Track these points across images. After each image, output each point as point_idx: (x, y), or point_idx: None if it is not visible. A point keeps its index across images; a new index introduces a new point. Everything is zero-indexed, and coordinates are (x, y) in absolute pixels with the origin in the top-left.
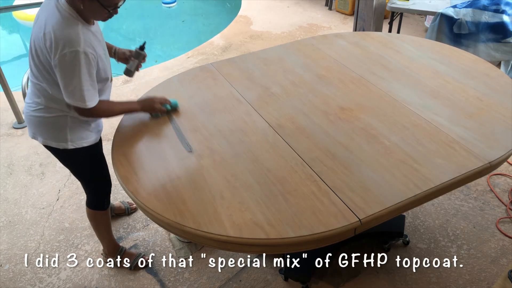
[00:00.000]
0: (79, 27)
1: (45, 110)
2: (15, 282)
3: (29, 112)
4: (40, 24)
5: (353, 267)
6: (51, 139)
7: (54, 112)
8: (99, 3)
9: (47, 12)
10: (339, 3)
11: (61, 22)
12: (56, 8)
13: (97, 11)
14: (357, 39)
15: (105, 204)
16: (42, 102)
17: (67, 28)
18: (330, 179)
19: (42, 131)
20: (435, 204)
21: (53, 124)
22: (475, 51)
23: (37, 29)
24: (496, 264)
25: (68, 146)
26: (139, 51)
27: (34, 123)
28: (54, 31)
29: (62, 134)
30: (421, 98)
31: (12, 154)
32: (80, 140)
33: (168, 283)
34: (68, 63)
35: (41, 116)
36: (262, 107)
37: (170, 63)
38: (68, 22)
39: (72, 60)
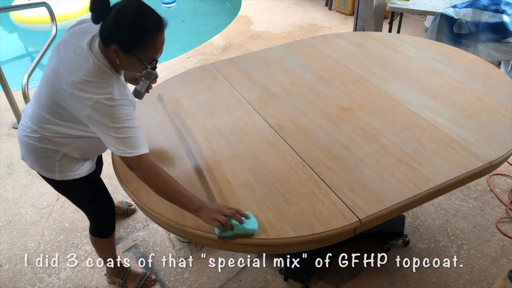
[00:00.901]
0: (113, 79)
1: (38, 139)
2: (15, 282)
3: (22, 134)
4: (66, 64)
5: (353, 267)
6: (39, 167)
7: (47, 144)
8: (136, 58)
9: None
10: (339, 3)
11: (95, 71)
12: (90, 55)
13: (133, 65)
14: (357, 39)
15: (108, 231)
16: (37, 130)
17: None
18: (330, 179)
19: (31, 158)
20: (435, 204)
21: (42, 154)
22: (475, 51)
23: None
24: (496, 264)
25: (55, 178)
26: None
27: (24, 147)
28: (86, 80)
29: (51, 165)
30: (421, 98)
31: (12, 154)
32: (70, 172)
33: (168, 283)
34: (104, 108)
35: (32, 144)
36: (262, 107)
37: (170, 63)
38: (102, 72)
39: (109, 105)
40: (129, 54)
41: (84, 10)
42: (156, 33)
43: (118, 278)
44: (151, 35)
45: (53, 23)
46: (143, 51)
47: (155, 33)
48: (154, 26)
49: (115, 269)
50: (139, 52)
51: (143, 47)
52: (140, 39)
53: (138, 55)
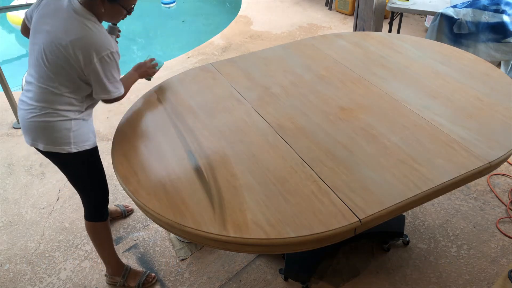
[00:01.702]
0: (103, 30)
1: (49, 114)
2: (15, 282)
3: (31, 117)
4: (56, 31)
5: (353, 267)
6: (54, 143)
7: (59, 117)
8: (120, 5)
9: (62, 18)
10: (339, 3)
11: (87, 27)
12: (75, 12)
13: (117, 13)
14: (357, 39)
15: (104, 214)
16: (47, 106)
17: (96, 32)
18: (330, 179)
19: (44, 136)
20: (435, 204)
21: (57, 128)
22: (475, 51)
23: (54, 37)
24: (496, 264)
25: (71, 149)
26: (113, 26)
27: (36, 128)
28: (84, 39)
29: (66, 138)
30: (421, 98)
31: (12, 154)
32: (83, 143)
33: (168, 283)
34: (107, 64)
35: (44, 120)
36: (262, 107)
37: (170, 63)
38: (94, 26)
39: (110, 61)
40: (113, 2)
41: None
42: None
43: (119, 277)
44: None
45: None
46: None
47: None
48: None
49: (115, 269)
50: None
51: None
52: None
53: (122, 3)
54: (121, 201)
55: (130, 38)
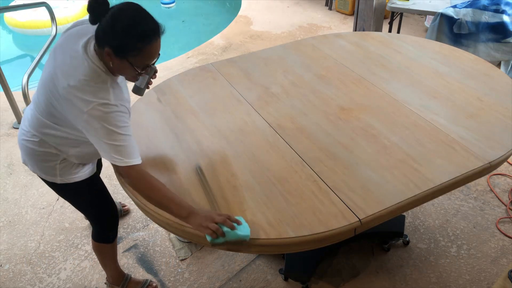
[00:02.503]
0: (108, 82)
1: (38, 143)
2: (15, 282)
3: (22, 139)
4: (62, 68)
5: (353, 267)
6: (40, 171)
7: (47, 148)
8: (129, 63)
9: (73, 57)
10: (339, 3)
11: (90, 75)
12: (85, 58)
13: (127, 70)
14: (357, 39)
15: (110, 237)
16: (37, 135)
17: (96, 81)
18: (330, 179)
19: (32, 162)
20: (435, 204)
21: (43, 158)
22: (475, 51)
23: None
24: (496, 264)
25: (57, 181)
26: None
27: (24, 151)
28: (81, 84)
29: (52, 169)
30: (421, 98)
31: (12, 154)
32: (72, 175)
33: (168, 283)
34: (100, 116)
35: (31, 148)
36: (262, 107)
37: (170, 63)
38: (97, 76)
39: (104, 112)
40: (121, 58)
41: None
42: (149, 39)
43: (118, 286)
44: (144, 41)
45: (53, 22)
46: (136, 56)
47: (148, 39)
48: (148, 32)
49: (115, 277)
50: (132, 57)
51: (135, 52)
52: (133, 44)
53: (131, 60)
54: (121, 201)
55: None
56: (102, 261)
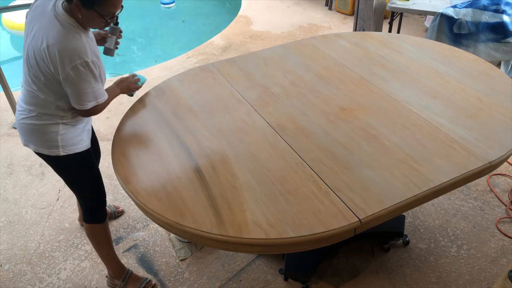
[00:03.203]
0: (82, 37)
1: (36, 117)
2: (15, 282)
3: (20, 119)
4: (38, 35)
5: (353, 267)
6: (43, 146)
7: (45, 120)
8: (96, 13)
9: (45, 22)
10: (339, 3)
11: (64, 33)
12: (55, 18)
13: (95, 20)
14: (357, 39)
15: (100, 215)
16: (33, 109)
17: (72, 39)
18: (330, 179)
19: (33, 138)
20: (435, 204)
21: (44, 131)
22: (475, 51)
23: (36, 40)
24: (496, 264)
25: (59, 153)
26: (114, 26)
27: (25, 130)
28: (59, 44)
29: (53, 141)
30: (421, 98)
31: (12, 154)
32: (72, 146)
33: (168, 283)
34: (80, 73)
35: (31, 123)
36: (262, 107)
37: (170, 63)
38: (71, 33)
39: (84, 70)
40: (89, 8)
41: None
42: None
43: (119, 281)
44: None
45: None
46: (102, 5)
47: None
48: None
49: (116, 271)
50: (98, 6)
51: (102, 1)
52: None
53: (98, 9)
54: (121, 201)
55: (130, 38)
56: (98, 248)
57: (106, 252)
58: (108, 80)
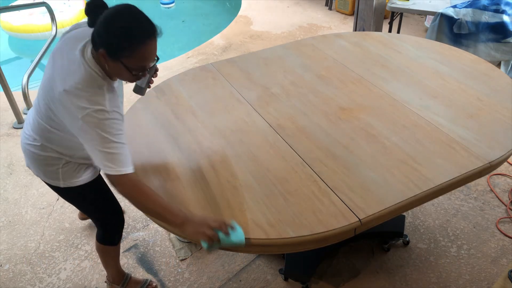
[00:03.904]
0: (104, 87)
1: (40, 147)
2: (15, 282)
3: (24, 143)
4: (59, 72)
5: (353, 267)
6: (44, 175)
7: (50, 152)
8: (123, 65)
9: (70, 61)
10: (339, 3)
11: (86, 80)
12: (82, 62)
13: (122, 72)
14: (357, 39)
15: (115, 239)
16: (39, 139)
17: (92, 87)
18: (330, 179)
19: (35, 165)
20: (435, 204)
21: (46, 162)
22: (475, 51)
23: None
24: (496, 264)
25: (60, 185)
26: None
27: (28, 155)
28: (76, 89)
29: (55, 173)
30: (421, 98)
31: (12, 154)
32: (74, 179)
33: (168, 283)
34: (95, 123)
35: (35, 152)
36: (262, 107)
37: (170, 63)
38: (93, 81)
39: (99, 119)
40: (115, 60)
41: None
42: (142, 40)
43: (118, 285)
44: (137, 42)
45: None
46: (129, 57)
47: (141, 40)
48: (142, 33)
49: (116, 277)
50: (125, 58)
51: (128, 53)
52: (125, 45)
53: (124, 62)
54: (121, 201)
55: None
56: (105, 261)
57: (111, 265)
58: None
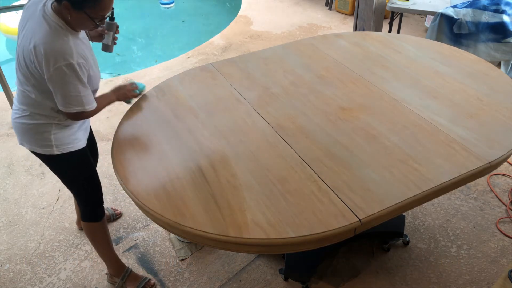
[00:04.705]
0: (69, 38)
1: (29, 117)
2: (15, 282)
3: (15, 118)
4: (27, 35)
5: (353, 267)
6: (37, 145)
7: (39, 119)
8: (86, 15)
9: (34, 22)
10: (339, 3)
11: (51, 34)
12: (43, 18)
13: (84, 22)
14: (357, 39)
15: (98, 214)
16: (26, 108)
17: (58, 40)
18: (330, 179)
19: (27, 137)
20: (435, 204)
21: (37, 130)
22: (475, 51)
23: (25, 40)
24: (496, 264)
25: (53, 152)
26: (110, 22)
27: (19, 129)
28: (44, 45)
29: (47, 140)
30: (421, 98)
31: (12, 154)
32: (66, 145)
33: (168, 283)
34: (64, 75)
35: (25, 122)
36: (262, 107)
37: (170, 63)
38: (58, 34)
39: (68, 72)
40: (79, 10)
41: None
42: None
43: (119, 278)
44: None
45: None
46: (92, 7)
47: None
48: None
49: (115, 269)
50: (88, 9)
51: (91, 3)
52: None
53: (88, 12)
54: (121, 201)
55: (130, 38)
56: (97, 247)
57: (104, 250)
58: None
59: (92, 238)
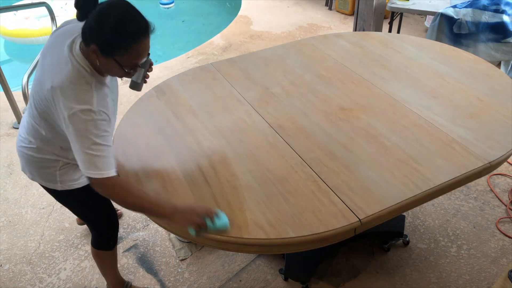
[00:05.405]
0: (92, 84)
1: (36, 150)
2: (15, 282)
3: (20, 146)
4: (47, 69)
5: (353, 267)
6: (40, 178)
7: (45, 154)
8: (116, 62)
9: (58, 58)
10: (339, 3)
11: (73, 76)
12: (69, 58)
13: (113, 69)
14: (357, 39)
15: (110, 244)
16: (34, 142)
17: (79, 83)
18: (330, 179)
19: (31, 168)
20: (435, 204)
21: (43, 164)
22: (475, 51)
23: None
24: (496, 264)
25: (57, 187)
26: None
27: (24, 158)
28: (63, 86)
29: (52, 175)
30: (421, 98)
31: (12, 154)
32: (71, 182)
33: (168, 283)
34: (80, 122)
35: (31, 155)
36: (262, 107)
37: (170, 63)
38: (81, 78)
39: (85, 118)
40: (108, 56)
41: None
42: (138, 38)
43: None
44: (132, 40)
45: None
46: (123, 55)
47: (136, 38)
48: (137, 31)
49: (114, 284)
50: (119, 56)
51: (123, 51)
52: (120, 43)
53: (117, 59)
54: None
55: None
56: (102, 268)
57: (108, 272)
58: None
59: (98, 262)
